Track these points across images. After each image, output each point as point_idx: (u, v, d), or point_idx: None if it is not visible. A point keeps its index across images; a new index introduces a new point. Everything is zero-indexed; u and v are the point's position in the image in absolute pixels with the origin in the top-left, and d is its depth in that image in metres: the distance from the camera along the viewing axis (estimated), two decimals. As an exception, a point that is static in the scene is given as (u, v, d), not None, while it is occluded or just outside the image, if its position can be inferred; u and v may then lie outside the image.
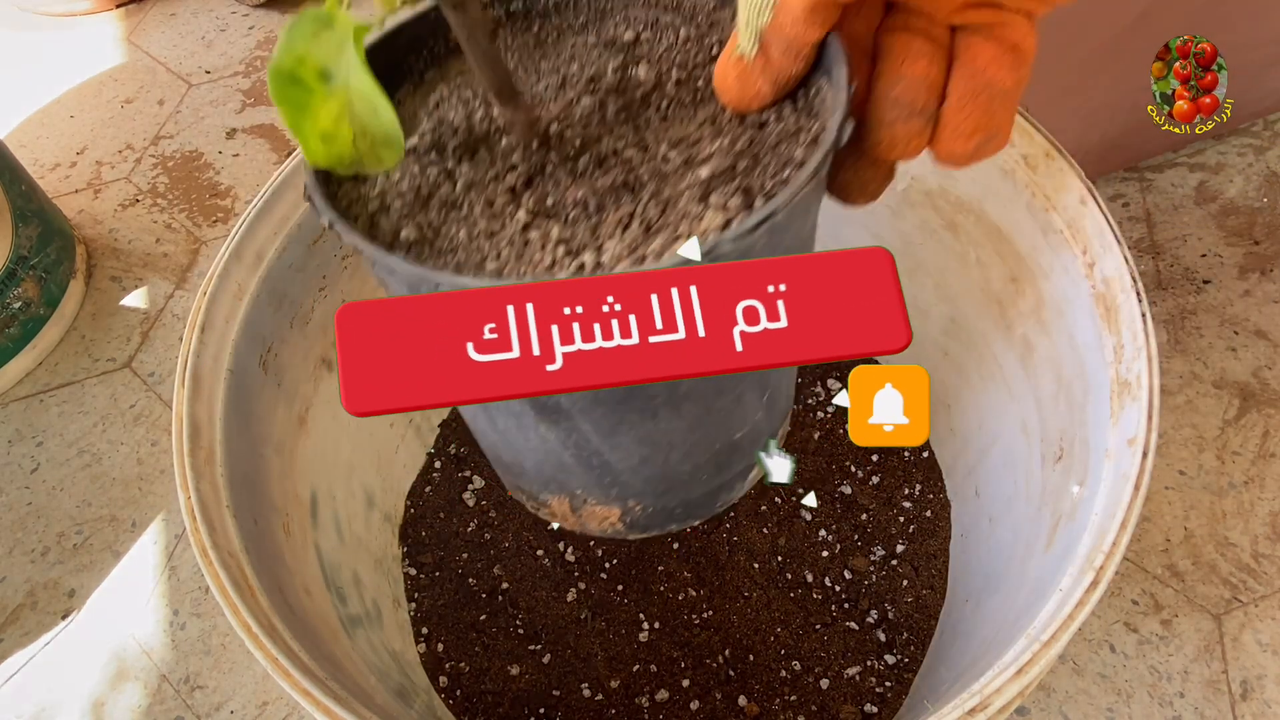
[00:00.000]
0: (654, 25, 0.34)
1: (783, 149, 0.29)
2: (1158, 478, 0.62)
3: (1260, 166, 0.77)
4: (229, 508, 0.36)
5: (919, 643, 0.54)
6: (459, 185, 0.30)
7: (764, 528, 0.58)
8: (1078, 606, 0.30)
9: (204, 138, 0.89)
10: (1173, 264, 0.72)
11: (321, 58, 0.23)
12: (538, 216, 0.29)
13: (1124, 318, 0.36)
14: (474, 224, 0.29)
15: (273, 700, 0.58)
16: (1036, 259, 0.42)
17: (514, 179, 0.30)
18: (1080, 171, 0.38)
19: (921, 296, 0.54)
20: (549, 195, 0.29)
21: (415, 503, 0.61)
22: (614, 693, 0.53)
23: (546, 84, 0.33)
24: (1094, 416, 0.37)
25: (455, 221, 0.29)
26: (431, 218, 0.29)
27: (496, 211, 0.29)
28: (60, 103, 0.94)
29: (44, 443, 0.70)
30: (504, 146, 0.31)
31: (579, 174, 0.30)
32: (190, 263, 0.79)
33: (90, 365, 0.74)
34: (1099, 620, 0.57)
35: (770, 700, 0.52)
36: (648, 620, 0.56)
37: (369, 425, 0.55)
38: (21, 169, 0.74)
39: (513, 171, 0.30)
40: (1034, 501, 0.43)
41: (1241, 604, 0.57)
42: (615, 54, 0.33)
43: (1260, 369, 0.66)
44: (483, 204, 0.29)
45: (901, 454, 0.61)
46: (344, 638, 0.43)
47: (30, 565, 0.64)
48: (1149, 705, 0.54)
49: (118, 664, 0.60)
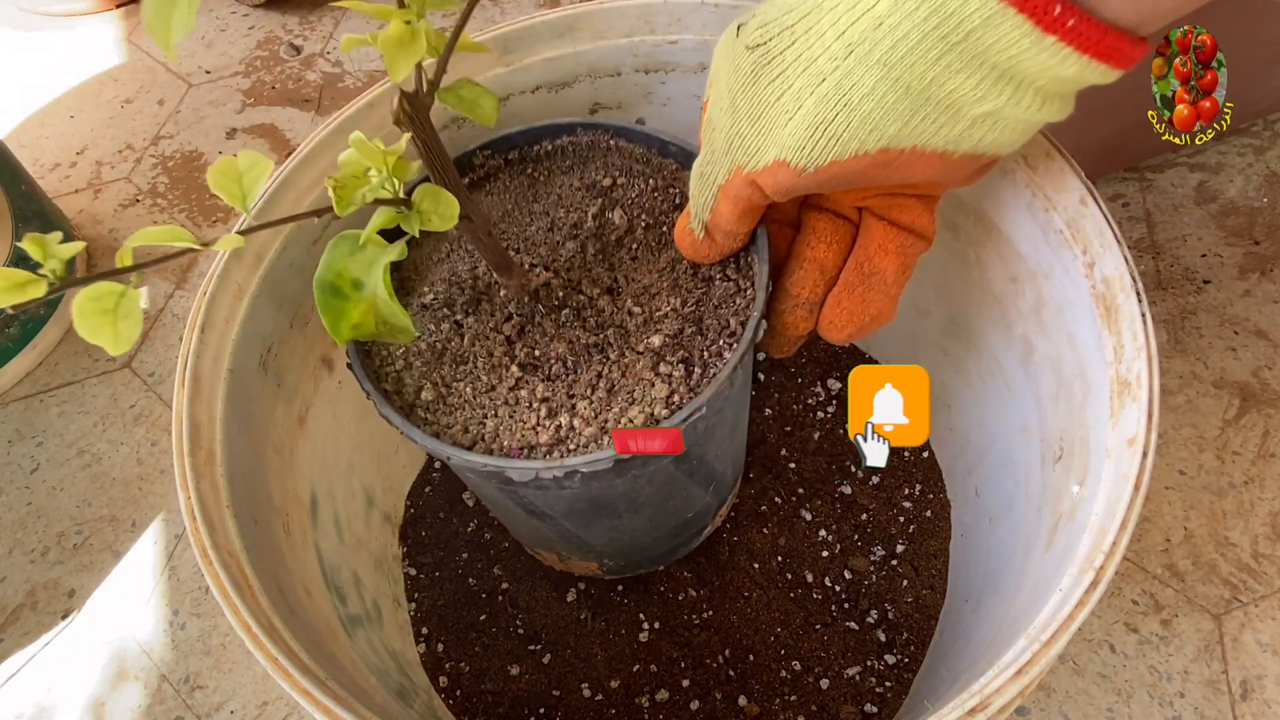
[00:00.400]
0: (627, 172, 0.42)
1: (723, 312, 0.37)
2: (1158, 478, 0.62)
3: (1260, 166, 0.77)
4: (229, 508, 0.36)
5: (919, 643, 0.54)
6: (466, 338, 0.37)
7: (764, 528, 0.58)
8: (1078, 606, 0.30)
9: (204, 138, 0.89)
10: (1173, 264, 0.72)
11: (356, 272, 0.30)
12: (526, 371, 0.36)
13: (1124, 318, 0.36)
14: (477, 379, 0.36)
15: (273, 700, 0.58)
16: (1036, 259, 0.42)
17: (509, 329, 0.37)
18: (1080, 171, 0.38)
19: (921, 296, 0.54)
20: (537, 346, 0.37)
21: (415, 503, 0.61)
22: (614, 693, 0.53)
23: (538, 226, 0.40)
24: (1094, 416, 0.37)
25: (463, 377, 0.36)
26: (444, 374, 0.36)
27: (495, 363, 0.36)
28: (60, 103, 0.94)
29: (44, 443, 0.70)
30: (501, 298, 0.38)
31: (561, 324, 0.37)
32: (190, 263, 0.79)
33: (90, 365, 0.74)
34: (1099, 620, 0.57)
35: (770, 700, 0.52)
36: (648, 620, 0.56)
37: (369, 425, 0.55)
38: (22, 169, 0.74)
39: (508, 322, 0.37)
40: (1034, 501, 0.43)
41: (1241, 604, 0.57)
42: (595, 197, 0.41)
43: (1260, 369, 0.66)
44: (484, 355, 0.37)
45: (901, 454, 0.61)
46: (344, 638, 0.43)
47: (30, 565, 0.64)
48: (1149, 705, 0.54)
49: (118, 664, 0.60)
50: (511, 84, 0.47)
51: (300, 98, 0.92)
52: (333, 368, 0.49)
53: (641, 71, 0.48)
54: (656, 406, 0.34)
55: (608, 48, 0.47)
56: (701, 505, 0.47)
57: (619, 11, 0.46)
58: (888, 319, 0.37)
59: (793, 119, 0.29)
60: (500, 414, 0.35)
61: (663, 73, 0.48)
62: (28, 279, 0.22)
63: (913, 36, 0.26)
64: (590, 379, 0.36)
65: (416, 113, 0.26)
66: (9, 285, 0.22)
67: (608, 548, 0.47)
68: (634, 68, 0.48)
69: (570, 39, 0.47)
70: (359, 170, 0.26)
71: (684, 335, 0.36)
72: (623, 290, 0.38)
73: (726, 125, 0.31)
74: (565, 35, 0.47)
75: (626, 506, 0.41)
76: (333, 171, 0.44)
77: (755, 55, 0.30)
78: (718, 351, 0.36)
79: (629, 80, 0.49)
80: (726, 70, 0.32)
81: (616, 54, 0.47)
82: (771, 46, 0.29)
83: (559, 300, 0.37)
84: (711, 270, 0.38)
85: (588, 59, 0.48)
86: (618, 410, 0.35)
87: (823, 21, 0.27)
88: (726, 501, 0.51)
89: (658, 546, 0.49)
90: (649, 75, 0.49)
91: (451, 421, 0.35)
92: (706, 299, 0.37)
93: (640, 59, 0.48)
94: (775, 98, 0.29)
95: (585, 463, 0.33)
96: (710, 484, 0.46)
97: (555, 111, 0.50)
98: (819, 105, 0.28)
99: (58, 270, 0.22)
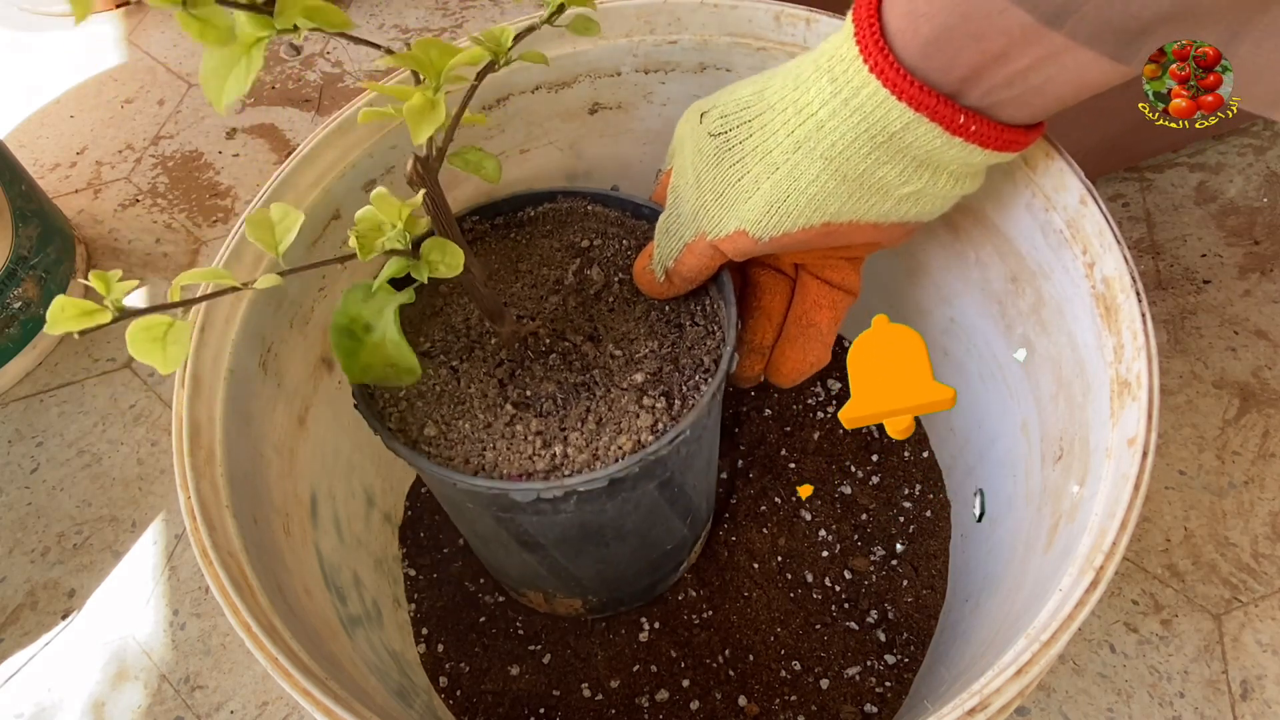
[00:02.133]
0: (603, 234, 0.46)
1: (696, 351, 0.41)
2: (1158, 478, 0.62)
3: (1260, 166, 0.77)
4: (229, 508, 0.36)
5: (919, 643, 0.54)
6: (462, 381, 0.40)
7: (764, 528, 0.58)
8: (1077, 606, 0.30)
9: (204, 138, 0.89)
10: (1173, 264, 0.73)
11: (367, 317, 0.33)
12: (520, 409, 0.39)
13: (1124, 318, 0.36)
14: (474, 417, 0.39)
15: (273, 700, 0.58)
16: (1036, 259, 0.42)
17: (501, 373, 0.40)
18: (1080, 171, 0.38)
19: (921, 296, 0.54)
20: (528, 386, 0.40)
21: (415, 504, 0.61)
22: (614, 693, 0.53)
23: (523, 283, 0.44)
24: (1094, 416, 0.37)
25: (462, 415, 0.39)
26: (444, 413, 0.39)
27: (490, 403, 0.39)
28: (60, 103, 0.94)
29: (44, 443, 0.70)
30: (492, 346, 0.41)
31: (549, 368, 0.40)
32: (190, 263, 0.79)
33: (90, 365, 0.74)
34: (1099, 620, 0.57)
35: (770, 700, 0.52)
36: (647, 620, 0.56)
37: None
38: (21, 169, 0.74)
39: (500, 367, 0.40)
40: (1034, 501, 0.43)
41: (1241, 604, 0.57)
42: (574, 256, 0.45)
43: (1260, 369, 0.66)
44: (480, 396, 0.40)
45: (902, 454, 0.61)
46: (344, 638, 0.43)
47: (30, 565, 0.64)
48: (1149, 705, 0.54)
49: (118, 664, 0.60)
50: (511, 84, 0.47)
51: (300, 98, 0.92)
52: (332, 368, 0.49)
53: (641, 71, 0.48)
54: (643, 434, 0.38)
55: (608, 48, 0.47)
56: (679, 538, 0.51)
57: (619, 11, 0.46)
58: (824, 363, 0.44)
59: (751, 198, 0.35)
60: (499, 446, 0.38)
61: (662, 73, 0.48)
62: (94, 308, 0.25)
63: (848, 137, 0.31)
64: (580, 413, 0.39)
65: (427, 174, 0.30)
66: (79, 313, 0.25)
67: (593, 581, 0.50)
68: (634, 68, 0.48)
69: (570, 39, 0.47)
70: (376, 224, 0.29)
71: (663, 372, 0.40)
72: (603, 337, 0.42)
73: (692, 197, 0.37)
74: (565, 35, 0.47)
75: (614, 534, 0.45)
76: (332, 171, 0.44)
77: (718, 142, 0.36)
78: (695, 385, 0.40)
79: (629, 80, 0.49)
80: (691, 150, 0.38)
81: (616, 54, 0.47)
82: (731, 136, 0.35)
83: (546, 346, 0.41)
84: (682, 318, 0.42)
85: (587, 59, 0.48)
86: (607, 439, 0.38)
87: (774, 121, 0.34)
88: (700, 539, 0.56)
89: (639, 580, 0.53)
90: (649, 75, 0.49)
91: (454, 454, 0.38)
92: (681, 341, 0.41)
93: (640, 59, 0.48)
94: (736, 179, 0.35)
95: (583, 482, 0.36)
96: (688, 516, 0.50)
97: (555, 111, 0.50)
98: (774, 188, 0.34)
99: (118, 303, 0.26)
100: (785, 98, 0.33)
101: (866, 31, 0.30)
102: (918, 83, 0.29)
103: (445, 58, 0.29)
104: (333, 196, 0.44)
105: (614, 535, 0.45)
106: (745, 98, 0.35)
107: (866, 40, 0.30)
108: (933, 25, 0.28)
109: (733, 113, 0.36)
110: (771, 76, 0.35)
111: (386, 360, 0.33)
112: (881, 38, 0.30)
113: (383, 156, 0.46)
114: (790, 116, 0.33)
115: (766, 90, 0.34)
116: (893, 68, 0.29)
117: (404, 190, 0.31)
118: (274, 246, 0.28)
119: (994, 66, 0.29)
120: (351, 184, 0.45)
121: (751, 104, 0.35)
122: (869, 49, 0.30)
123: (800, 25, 0.45)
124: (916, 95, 0.29)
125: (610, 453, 0.37)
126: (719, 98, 0.37)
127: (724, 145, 0.36)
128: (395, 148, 0.46)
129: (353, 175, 0.45)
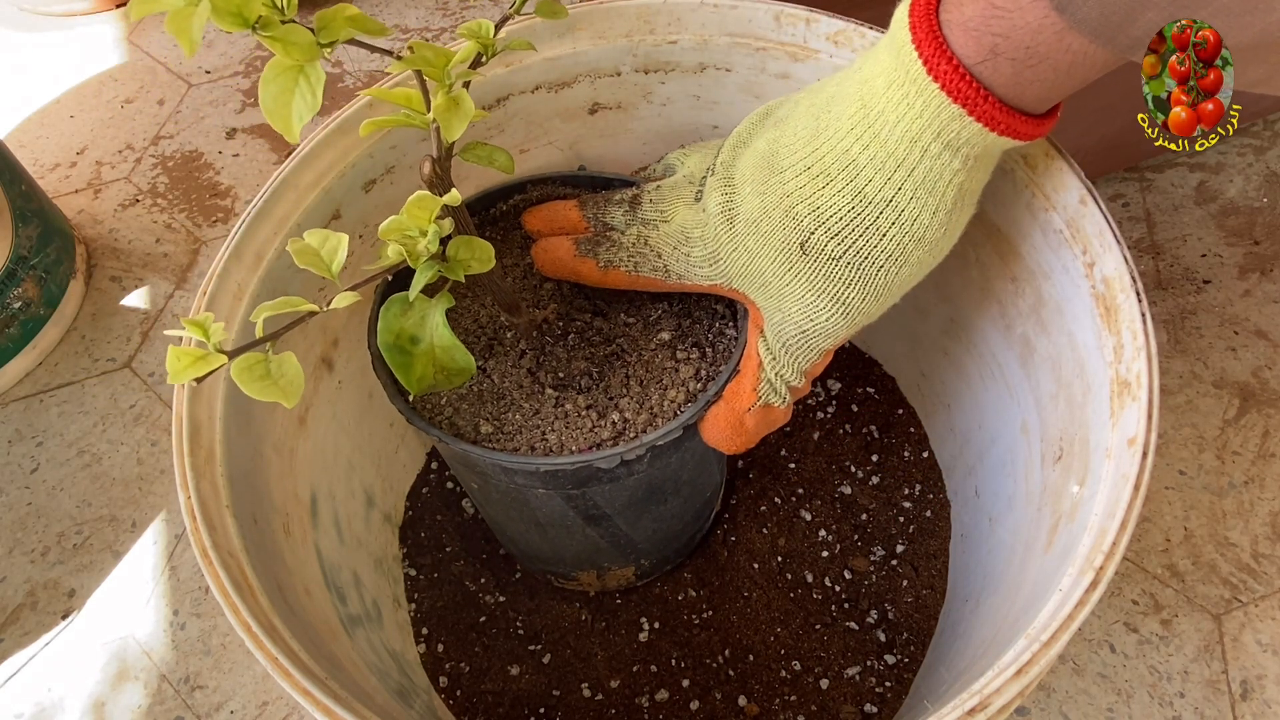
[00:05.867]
0: None
1: (705, 302, 0.42)
2: (1158, 478, 0.62)
3: (1260, 166, 0.77)
4: (229, 508, 0.36)
5: (919, 643, 0.54)
6: (495, 378, 0.41)
7: (764, 528, 0.58)
8: (1078, 607, 0.30)
9: (204, 138, 0.89)
10: (1173, 264, 0.73)
11: (410, 329, 0.33)
12: (561, 390, 0.40)
13: (1124, 318, 0.36)
14: (520, 407, 0.40)
15: (273, 700, 0.58)
16: (1036, 259, 0.42)
17: (527, 362, 0.41)
18: (1080, 171, 0.38)
19: (921, 296, 0.53)
20: (558, 369, 0.41)
21: (415, 503, 0.61)
22: (614, 693, 0.53)
23: (512, 277, 0.44)
24: (1094, 416, 0.37)
25: (509, 409, 0.40)
26: (490, 410, 0.40)
27: (529, 392, 0.40)
28: (60, 103, 0.94)
29: (44, 443, 0.70)
30: (510, 339, 0.42)
31: (571, 348, 0.41)
32: (190, 263, 0.79)
33: (90, 365, 0.74)
34: (1099, 620, 0.57)
35: (770, 700, 0.52)
36: (647, 620, 0.56)
37: (369, 425, 0.55)
38: (21, 169, 0.74)
39: (524, 357, 0.41)
40: (1034, 501, 0.43)
41: (1241, 604, 0.57)
42: None
43: (1260, 369, 0.66)
44: (516, 388, 0.40)
45: (902, 454, 0.61)
46: (344, 638, 0.43)
47: (30, 565, 0.64)
48: (1149, 705, 0.54)
49: (118, 664, 0.60)
50: (511, 84, 0.47)
51: (300, 98, 0.92)
52: (333, 367, 0.49)
53: (641, 71, 0.48)
54: (690, 383, 0.39)
55: (608, 48, 0.47)
56: (715, 483, 0.53)
57: (619, 11, 0.46)
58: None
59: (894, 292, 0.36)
60: (557, 428, 0.39)
61: (662, 73, 0.48)
62: (205, 355, 0.26)
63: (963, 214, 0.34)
64: (620, 380, 0.40)
65: (444, 172, 0.31)
66: (193, 360, 0.26)
67: (648, 543, 0.51)
68: (634, 68, 0.48)
69: (570, 39, 0.47)
70: (411, 229, 0.30)
71: (683, 326, 0.42)
72: (608, 310, 0.42)
73: (836, 311, 0.36)
74: (565, 35, 0.47)
75: (672, 488, 0.46)
76: (332, 171, 0.44)
77: (847, 259, 0.35)
78: (719, 330, 0.41)
79: (628, 80, 0.49)
80: (805, 273, 0.36)
81: (616, 54, 0.47)
82: (858, 250, 0.34)
83: (560, 329, 0.42)
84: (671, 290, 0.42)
85: (587, 59, 0.48)
86: (657, 396, 0.39)
87: (889, 216, 0.33)
88: (722, 485, 0.58)
89: (684, 535, 0.54)
90: (649, 75, 0.49)
91: (518, 444, 0.39)
92: (686, 296, 0.42)
93: (640, 59, 0.48)
94: (885, 286, 0.35)
95: (660, 435, 0.37)
96: (721, 458, 0.53)
97: (555, 111, 0.50)
98: (912, 272, 0.36)
99: (219, 343, 0.26)
100: (891, 182, 0.33)
101: (962, 85, 0.29)
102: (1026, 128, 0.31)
103: (443, 58, 0.29)
104: (333, 196, 0.44)
105: (672, 490, 0.46)
106: (841, 204, 0.34)
107: (965, 93, 0.29)
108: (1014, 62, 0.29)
109: (842, 230, 0.34)
110: (854, 155, 0.33)
111: (438, 366, 0.34)
112: (982, 86, 0.29)
113: (383, 157, 0.46)
114: (889, 226, 0.34)
115: (863, 187, 0.33)
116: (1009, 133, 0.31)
117: (404, 191, 0.31)
118: (327, 270, 0.29)
119: None
120: (351, 184, 0.45)
121: (857, 209, 0.33)
122: (975, 105, 0.30)
123: (800, 25, 0.45)
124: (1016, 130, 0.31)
125: (665, 408, 0.39)
126: (808, 196, 0.34)
127: (855, 260, 0.34)
128: (395, 148, 0.46)
129: (353, 175, 0.45)
